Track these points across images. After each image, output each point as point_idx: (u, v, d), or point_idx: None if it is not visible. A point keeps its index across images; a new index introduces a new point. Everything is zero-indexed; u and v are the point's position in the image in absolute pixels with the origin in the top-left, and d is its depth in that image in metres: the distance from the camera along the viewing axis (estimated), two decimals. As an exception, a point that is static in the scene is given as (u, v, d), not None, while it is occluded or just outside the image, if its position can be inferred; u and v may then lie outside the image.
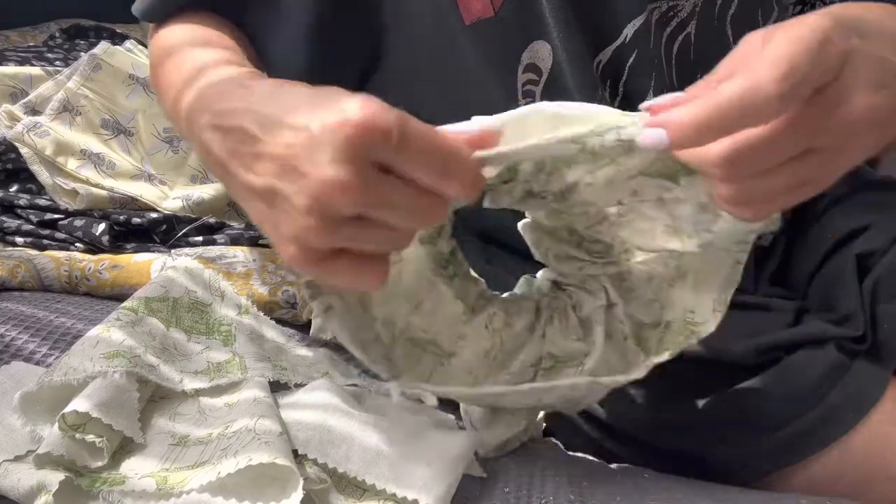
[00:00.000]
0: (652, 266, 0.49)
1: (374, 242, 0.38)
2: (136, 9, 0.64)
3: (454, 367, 0.50)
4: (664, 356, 0.48)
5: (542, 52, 0.55)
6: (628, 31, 0.54)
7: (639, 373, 0.48)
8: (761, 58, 0.34)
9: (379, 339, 0.48)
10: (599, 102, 0.55)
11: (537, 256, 0.52)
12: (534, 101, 0.56)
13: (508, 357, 0.51)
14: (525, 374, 0.51)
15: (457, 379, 0.50)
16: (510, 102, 0.56)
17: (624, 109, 0.51)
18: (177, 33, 0.59)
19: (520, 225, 0.52)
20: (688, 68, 0.58)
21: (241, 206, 0.42)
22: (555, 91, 0.56)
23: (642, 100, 0.56)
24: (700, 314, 0.48)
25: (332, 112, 0.35)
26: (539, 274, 0.54)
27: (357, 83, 0.62)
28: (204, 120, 0.42)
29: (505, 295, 0.54)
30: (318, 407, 0.48)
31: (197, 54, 0.54)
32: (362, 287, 0.39)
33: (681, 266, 0.48)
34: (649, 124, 0.36)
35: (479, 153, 0.39)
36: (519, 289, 0.55)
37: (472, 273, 0.54)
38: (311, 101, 0.37)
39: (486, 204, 0.47)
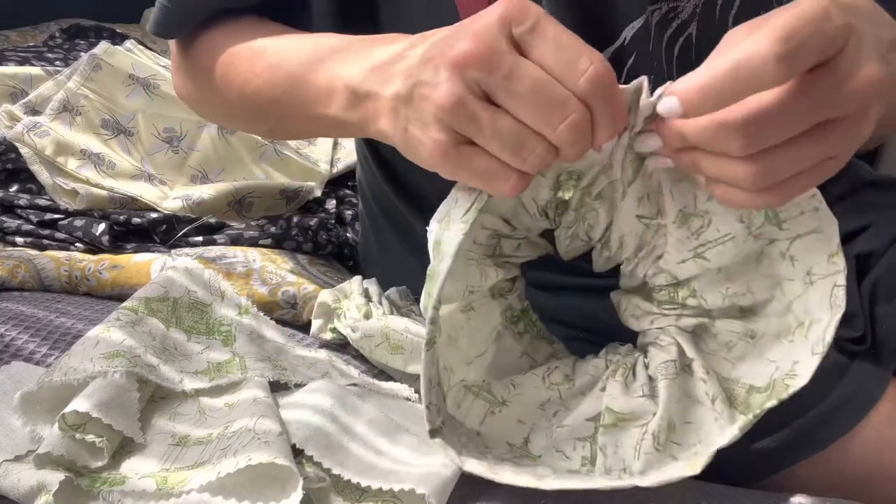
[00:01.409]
0: (749, 316, 0.47)
1: (506, 138, 0.39)
2: (150, 26, 0.63)
3: (505, 416, 0.49)
4: (740, 422, 0.44)
5: None
6: (627, 33, 0.54)
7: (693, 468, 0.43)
8: (759, 30, 0.35)
9: (436, 383, 0.47)
10: None
11: (623, 321, 0.51)
12: None
13: (565, 410, 0.48)
14: (583, 430, 0.47)
15: (507, 433, 0.48)
16: None
17: None
18: (227, 32, 0.60)
19: (612, 295, 0.52)
20: (689, 70, 0.58)
21: (386, 130, 0.45)
22: None
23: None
24: (800, 365, 0.45)
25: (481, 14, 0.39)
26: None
27: None
28: (360, 74, 0.46)
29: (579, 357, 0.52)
30: (317, 408, 0.48)
31: (315, 36, 0.55)
32: (497, 187, 0.41)
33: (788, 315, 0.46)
34: (666, 93, 0.38)
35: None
36: (601, 353, 0.52)
37: (549, 335, 0.53)
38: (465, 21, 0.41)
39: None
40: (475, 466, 0.44)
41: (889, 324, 0.56)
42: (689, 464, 0.44)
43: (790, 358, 0.45)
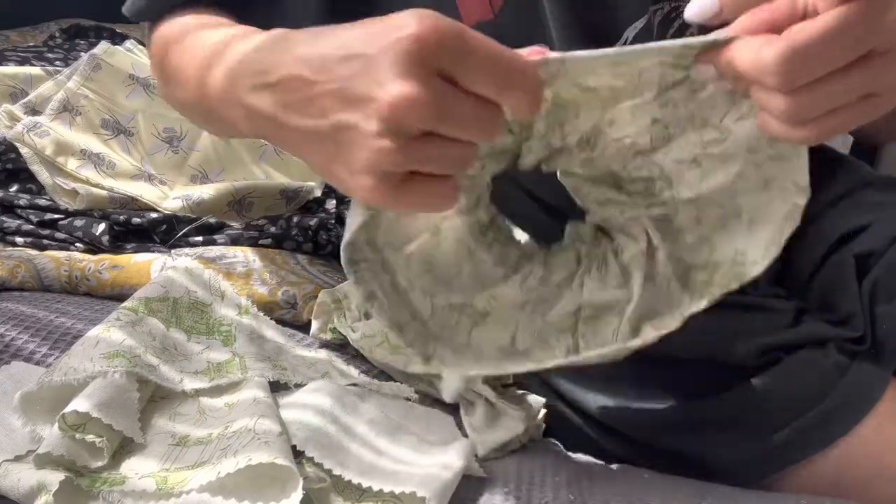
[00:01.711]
0: (702, 207, 0.48)
1: (444, 160, 0.37)
2: (128, 9, 0.62)
3: (489, 325, 0.50)
4: (703, 303, 0.47)
5: None
6: (629, 33, 0.54)
7: (674, 323, 0.47)
8: None
9: (417, 317, 0.48)
10: None
11: (579, 203, 0.51)
12: None
13: (546, 307, 0.50)
14: (565, 323, 0.50)
15: (493, 338, 0.49)
16: None
17: None
18: (181, 22, 0.58)
19: (559, 173, 0.51)
20: None
21: (305, 158, 0.42)
22: None
23: None
24: (751, 254, 0.46)
25: (388, 30, 0.35)
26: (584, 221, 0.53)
27: None
28: (246, 83, 0.42)
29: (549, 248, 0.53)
30: (317, 409, 0.48)
31: (214, 33, 0.52)
32: (437, 208, 0.40)
33: (735, 205, 0.47)
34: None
35: (538, 58, 0.39)
36: (566, 238, 0.53)
37: (516, 233, 0.53)
38: (361, 31, 0.37)
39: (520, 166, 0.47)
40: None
41: (889, 324, 0.56)
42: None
43: (731, 246, 0.47)
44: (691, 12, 0.38)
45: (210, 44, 0.51)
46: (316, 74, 0.37)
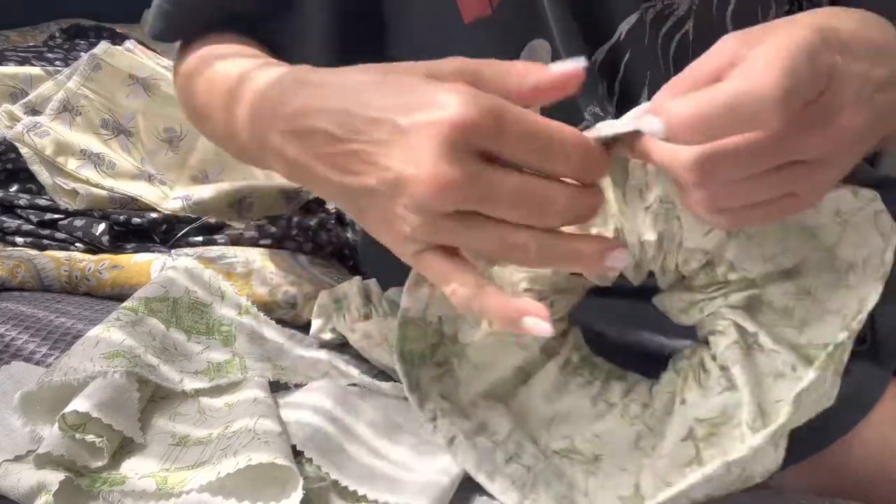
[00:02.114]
0: (795, 275, 0.44)
1: (482, 238, 0.37)
2: (149, 30, 0.63)
3: (604, 471, 0.45)
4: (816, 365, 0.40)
5: (540, 51, 0.55)
6: (622, 28, 0.54)
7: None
8: (756, 61, 0.33)
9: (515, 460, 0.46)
10: (598, 100, 0.55)
11: (675, 321, 0.48)
12: None
13: (659, 438, 0.45)
14: (686, 452, 0.43)
15: (613, 485, 0.44)
16: None
17: (620, 108, 0.51)
18: (204, 52, 0.58)
19: (654, 299, 0.49)
20: (686, 66, 0.58)
21: (335, 202, 0.42)
22: None
23: (637, 98, 0.56)
24: (868, 301, 0.42)
25: (424, 107, 0.35)
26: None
27: None
28: (276, 127, 0.41)
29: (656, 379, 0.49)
30: (317, 409, 0.48)
31: (231, 64, 0.52)
32: (452, 293, 0.38)
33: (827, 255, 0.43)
34: (650, 111, 0.34)
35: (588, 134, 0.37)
36: (669, 367, 0.49)
37: (620, 371, 0.50)
38: (393, 96, 0.36)
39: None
40: None
41: (889, 324, 0.56)
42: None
43: (856, 299, 0.42)
44: (642, 127, 0.36)
45: (230, 77, 0.50)
46: (346, 133, 0.37)
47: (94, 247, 0.74)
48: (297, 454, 0.44)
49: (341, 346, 0.63)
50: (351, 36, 0.57)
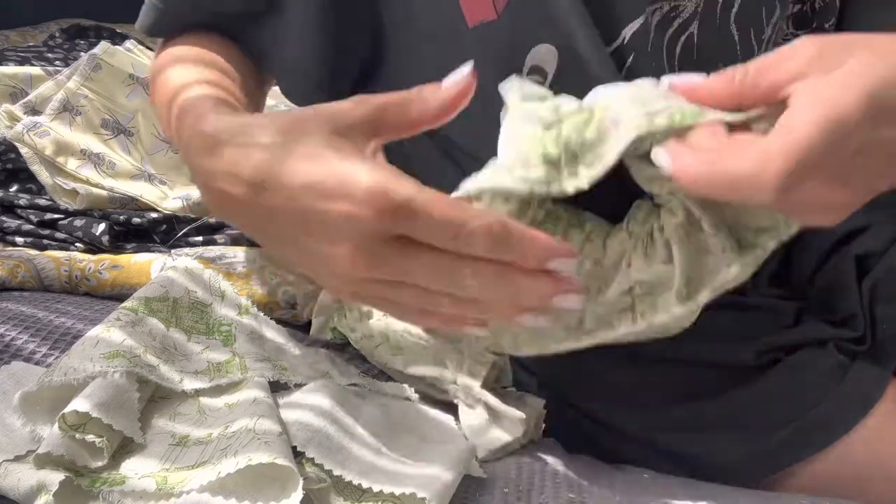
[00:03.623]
0: None
1: (406, 298, 0.39)
2: (139, 24, 0.62)
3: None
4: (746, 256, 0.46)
5: (546, 56, 0.54)
6: (626, 32, 0.54)
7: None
8: (774, 142, 0.35)
9: None
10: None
11: (638, 183, 0.51)
12: None
13: (605, 286, 0.51)
14: (623, 302, 0.50)
15: (562, 318, 0.50)
16: None
17: None
18: (171, 51, 0.58)
19: (627, 159, 0.51)
20: (691, 69, 0.58)
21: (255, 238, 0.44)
22: (560, 92, 0.56)
23: None
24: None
25: (338, 198, 0.36)
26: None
27: (357, 81, 0.61)
28: (194, 172, 0.43)
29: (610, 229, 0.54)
30: (317, 409, 0.48)
31: (175, 73, 0.53)
32: (415, 322, 0.42)
33: None
34: (667, 149, 0.38)
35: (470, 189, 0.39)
36: (627, 217, 0.54)
37: (579, 220, 0.53)
38: (307, 172, 0.37)
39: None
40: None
41: (889, 324, 0.56)
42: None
43: None
44: (655, 158, 0.39)
45: (168, 87, 0.51)
46: (255, 199, 0.39)
47: (94, 247, 0.74)
48: (297, 454, 0.44)
49: (341, 346, 0.63)
50: (337, 40, 0.57)
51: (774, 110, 0.38)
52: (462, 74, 0.40)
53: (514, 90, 0.46)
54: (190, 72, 0.53)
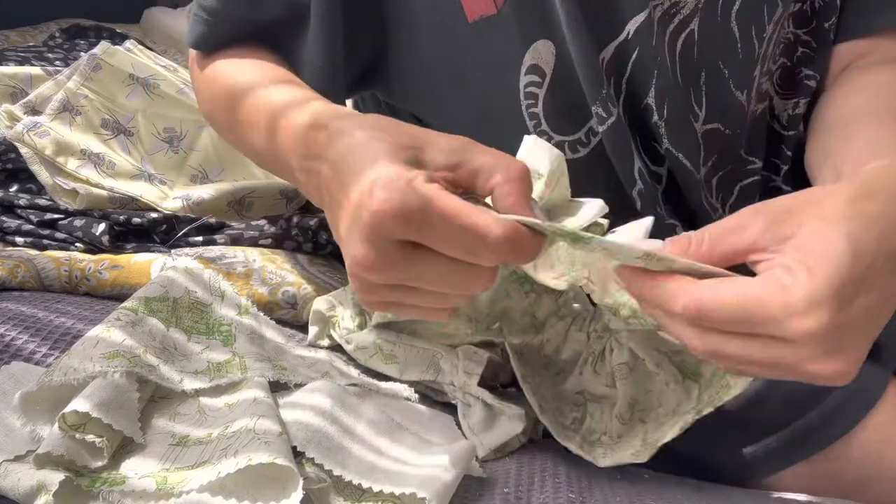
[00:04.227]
0: None
1: (416, 302, 0.40)
2: (190, 40, 0.65)
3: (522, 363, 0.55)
4: (703, 411, 0.48)
5: (544, 53, 0.54)
6: (630, 27, 0.54)
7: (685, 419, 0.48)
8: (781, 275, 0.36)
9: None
10: (603, 100, 0.55)
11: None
12: (535, 104, 0.56)
13: (564, 375, 0.56)
14: (575, 399, 0.54)
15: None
16: (512, 103, 0.56)
17: (628, 106, 0.51)
18: (242, 72, 0.60)
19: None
20: (691, 66, 0.58)
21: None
22: (558, 92, 0.56)
23: (644, 97, 0.56)
24: None
25: (363, 191, 0.37)
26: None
27: (359, 77, 0.62)
28: (294, 160, 0.47)
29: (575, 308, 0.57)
30: (317, 409, 0.48)
31: (274, 93, 0.55)
32: (427, 318, 0.44)
33: None
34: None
35: (529, 220, 0.39)
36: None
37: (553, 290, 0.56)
38: (360, 165, 0.39)
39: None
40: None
41: (889, 324, 0.56)
42: (644, 440, 0.49)
43: None
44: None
45: (272, 105, 0.53)
46: (332, 180, 0.42)
47: (94, 247, 0.74)
48: (297, 454, 0.44)
49: (341, 347, 0.63)
50: (338, 21, 0.58)
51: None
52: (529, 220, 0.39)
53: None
54: (289, 92, 0.55)
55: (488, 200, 0.41)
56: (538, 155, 0.46)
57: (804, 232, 0.37)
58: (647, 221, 0.45)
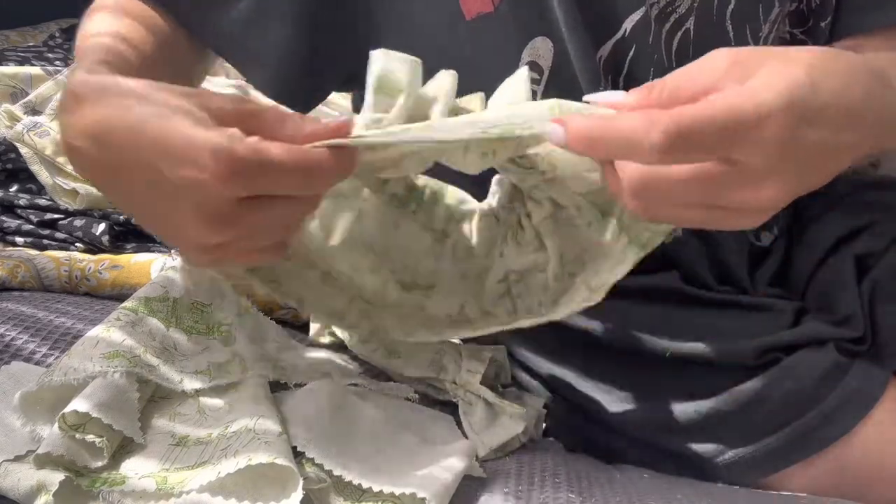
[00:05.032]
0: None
1: (259, 241, 0.40)
2: None
3: (439, 296, 0.53)
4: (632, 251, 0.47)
5: (542, 49, 0.54)
6: (627, 25, 0.54)
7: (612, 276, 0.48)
8: (691, 104, 0.35)
9: (359, 297, 0.52)
10: None
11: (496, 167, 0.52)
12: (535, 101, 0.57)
13: (482, 278, 0.53)
14: (500, 289, 0.52)
15: (445, 306, 0.53)
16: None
17: None
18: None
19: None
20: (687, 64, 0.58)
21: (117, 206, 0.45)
22: (557, 88, 0.56)
23: None
24: None
25: (187, 164, 0.36)
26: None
27: (345, 83, 0.61)
28: (59, 116, 0.44)
29: (472, 206, 0.55)
30: (318, 409, 0.48)
31: (96, 20, 0.52)
32: (264, 262, 0.43)
33: None
34: (554, 120, 0.38)
35: (344, 141, 0.39)
36: (489, 195, 0.55)
37: (442, 190, 0.54)
38: (158, 136, 0.37)
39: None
40: None
41: (889, 324, 0.56)
42: (589, 286, 0.48)
43: None
44: (545, 132, 0.39)
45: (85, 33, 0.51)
46: (120, 152, 0.38)
47: (94, 247, 0.74)
48: (297, 454, 0.44)
49: (341, 346, 0.63)
50: (315, 41, 0.56)
51: None
52: (342, 119, 0.40)
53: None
54: (107, 21, 0.52)
55: None
56: (395, 67, 0.43)
57: (763, 71, 0.36)
58: (523, 72, 0.45)
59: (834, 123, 0.37)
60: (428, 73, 0.45)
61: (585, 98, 0.40)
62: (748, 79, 0.36)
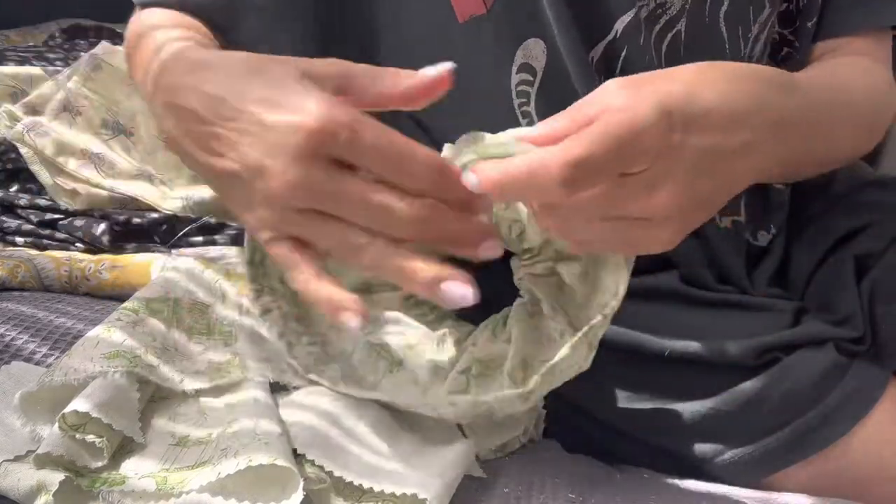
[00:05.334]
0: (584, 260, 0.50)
1: (326, 236, 0.39)
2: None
3: (402, 375, 0.53)
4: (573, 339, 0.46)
5: (535, 51, 0.54)
6: (618, 26, 0.54)
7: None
8: (579, 133, 0.37)
9: (324, 343, 0.53)
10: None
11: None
12: (528, 102, 0.57)
13: (450, 369, 0.53)
14: (461, 381, 0.51)
15: (406, 390, 0.52)
16: (504, 102, 0.56)
17: None
18: (155, 15, 0.57)
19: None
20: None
21: (204, 180, 0.45)
22: (550, 90, 0.56)
23: None
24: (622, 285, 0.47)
25: (289, 110, 0.37)
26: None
27: None
28: (158, 97, 0.44)
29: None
30: (317, 410, 0.48)
31: (161, 33, 0.53)
32: (293, 281, 0.41)
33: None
34: (472, 170, 0.39)
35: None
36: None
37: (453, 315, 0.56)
38: (265, 87, 0.38)
39: None
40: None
41: (889, 324, 0.56)
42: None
43: (613, 283, 0.47)
44: (464, 181, 0.39)
45: (153, 45, 0.51)
46: (210, 115, 0.40)
47: (94, 247, 0.74)
48: (297, 455, 0.44)
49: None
50: (324, 32, 0.57)
51: None
52: (442, 67, 0.41)
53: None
54: (174, 32, 0.53)
55: None
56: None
57: (645, 90, 0.39)
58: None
59: (718, 126, 0.39)
60: None
61: (512, 133, 0.42)
62: (633, 100, 0.38)
